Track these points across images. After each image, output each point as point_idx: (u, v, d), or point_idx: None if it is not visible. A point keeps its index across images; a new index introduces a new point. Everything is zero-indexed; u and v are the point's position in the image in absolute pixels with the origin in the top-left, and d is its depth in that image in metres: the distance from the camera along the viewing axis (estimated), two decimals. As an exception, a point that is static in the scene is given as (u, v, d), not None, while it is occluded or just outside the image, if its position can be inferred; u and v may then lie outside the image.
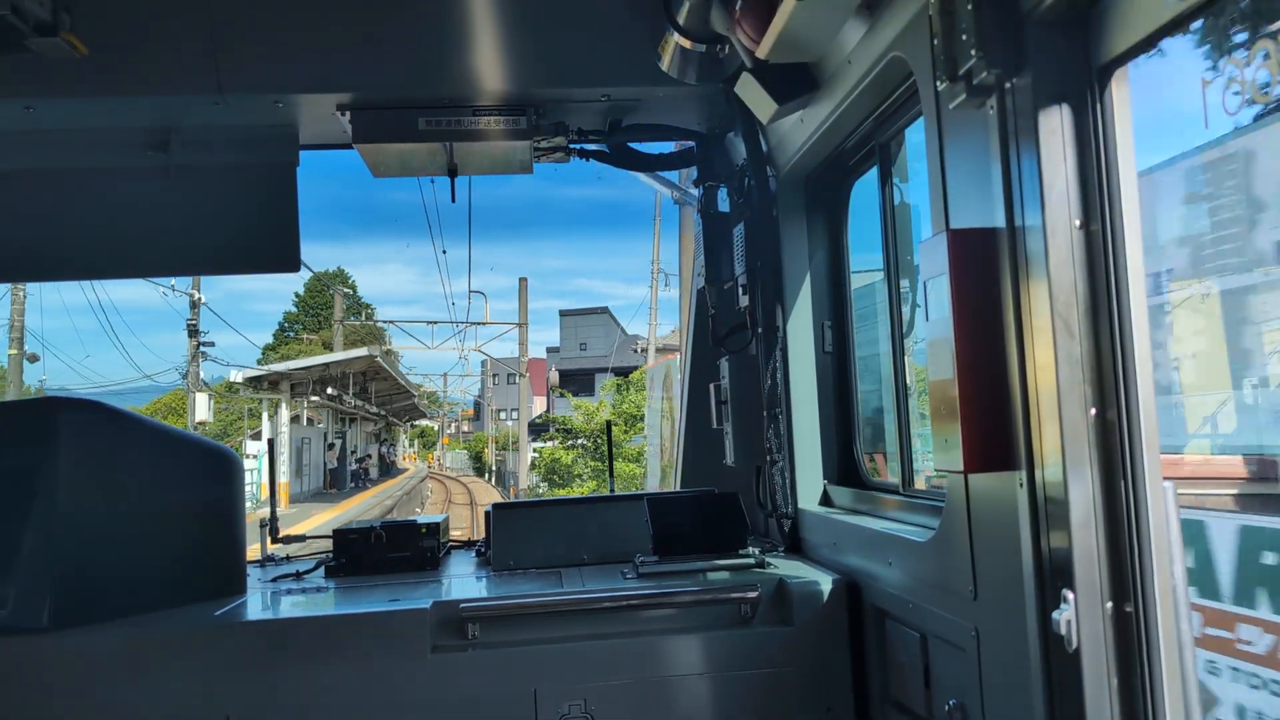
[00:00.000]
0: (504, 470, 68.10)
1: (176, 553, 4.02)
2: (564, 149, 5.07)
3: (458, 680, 3.64)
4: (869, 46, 3.33)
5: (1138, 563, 2.30)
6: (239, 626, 3.71)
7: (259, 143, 4.78)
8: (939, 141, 2.86)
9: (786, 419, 4.59)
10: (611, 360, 54.95)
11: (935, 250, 2.70)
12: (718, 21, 3.85)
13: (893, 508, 3.84)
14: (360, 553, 4.59)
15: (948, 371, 2.64)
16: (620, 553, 4.48)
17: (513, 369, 57.96)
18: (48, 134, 4.63)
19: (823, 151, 4.23)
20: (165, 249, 4.92)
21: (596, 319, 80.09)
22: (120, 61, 4.25)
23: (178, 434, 4.38)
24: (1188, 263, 4.29)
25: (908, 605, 3.35)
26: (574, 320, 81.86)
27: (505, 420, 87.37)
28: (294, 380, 38.36)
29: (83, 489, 3.78)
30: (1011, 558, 2.54)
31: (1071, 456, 2.34)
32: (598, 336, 76.82)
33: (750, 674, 3.75)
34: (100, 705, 3.51)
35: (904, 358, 3.93)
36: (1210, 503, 4.08)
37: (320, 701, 3.57)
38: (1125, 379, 2.32)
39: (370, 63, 4.39)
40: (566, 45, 4.48)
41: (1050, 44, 2.40)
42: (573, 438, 38.52)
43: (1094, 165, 2.37)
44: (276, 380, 37.46)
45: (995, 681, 2.73)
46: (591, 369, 68.24)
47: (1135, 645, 2.30)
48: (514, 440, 58.03)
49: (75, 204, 4.80)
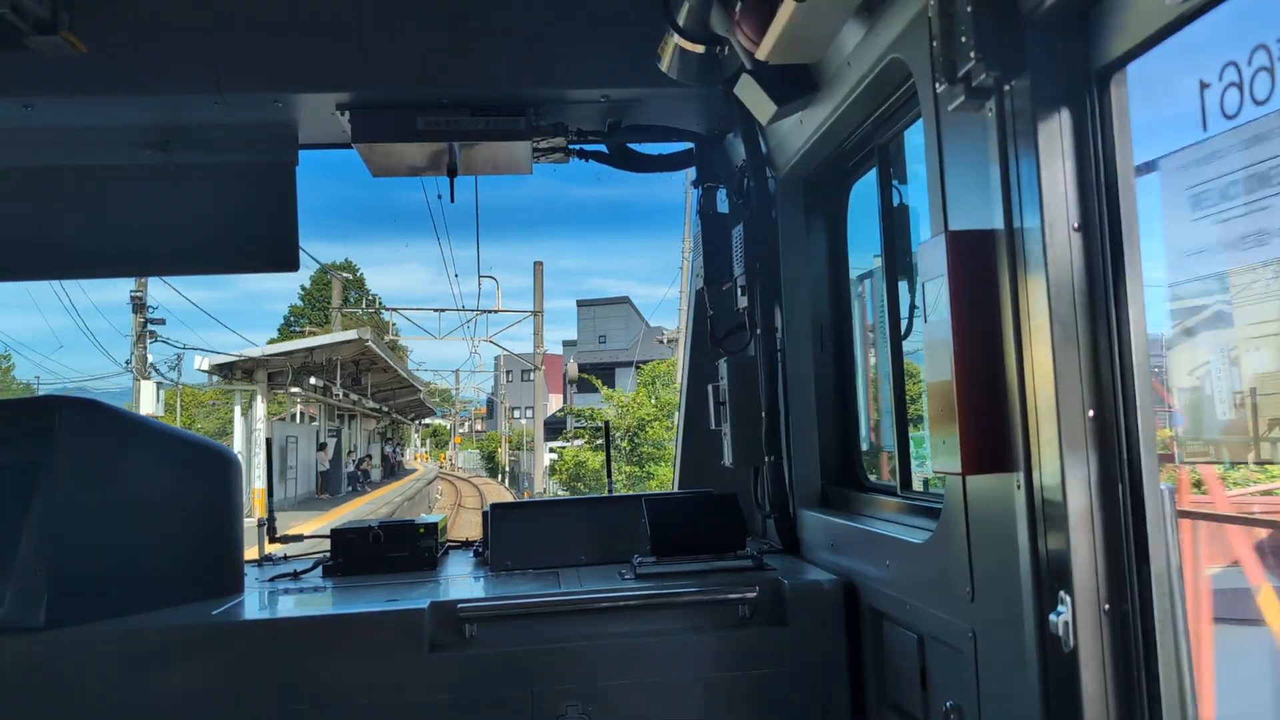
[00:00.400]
0: (518, 471, 65.59)
1: (174, 552, 4.02)
2: (563, 150, 5.07)
3: (455, 680, 3.64)
4: (868, 48, 3.34)
5: (1134, 564, 2.31)
6: (236, 626, 3.71)
7: (258, 142, 4.78)
8: (938, 143, 2.86)
9: (785, 420, 4.59)
10: (636, 353, 51.25)
11: (934, 252, 2.70)
12: (717, 23, 3.85)
13: (890, 509, 3.85)
14: (358, 552, 4.59)
15: (946, 373, 2.64)
16: (618, 553, 4.48)
17: (528, 364, 54.53)
18: (47, 132, 4.63)
19: (822, 153, 4.24)
20: (164, 248, 4.92)
21: (617, 310, 75.57)
22: (120, 60, 4.25)
23: (176, 433, 4.38)
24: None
25: (905, 606, 3.35)
26: (592, 311, 76.97)
27: (519, 418, 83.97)
28: (272, 369, 32.51)
29: (80, 487, 3.78)
30: (1009, 559, 2.54)
31: (1069, 458, 2.34)
32: (618, 329, 73.00)
33: (747, 675, 3.76)
34: (96, 704, 3.51)
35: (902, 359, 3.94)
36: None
37: (317, 701, 3.57)
38: (1123, 381, 2.33)
39: (370, 62, 4.39)
40: (566, 46, 4.48)
41: (1049, 47, 2.40)
42: (599, 435, 32.23)
43: (1092, 167, 2.38)
44: (251, 369, 31.41)
45: (992, 683, 2.74)
46: (611, 363, 63.13)
47: (1132, 647, 2.30)
48: (529, 439, 55.50)
49: (74, 202, 4.80)
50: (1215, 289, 2.28)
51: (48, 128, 4.60)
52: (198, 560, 4.09)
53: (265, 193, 4.87)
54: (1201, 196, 2.24)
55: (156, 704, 3.52)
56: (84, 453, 3.82)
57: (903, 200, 4.03)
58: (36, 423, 3.80)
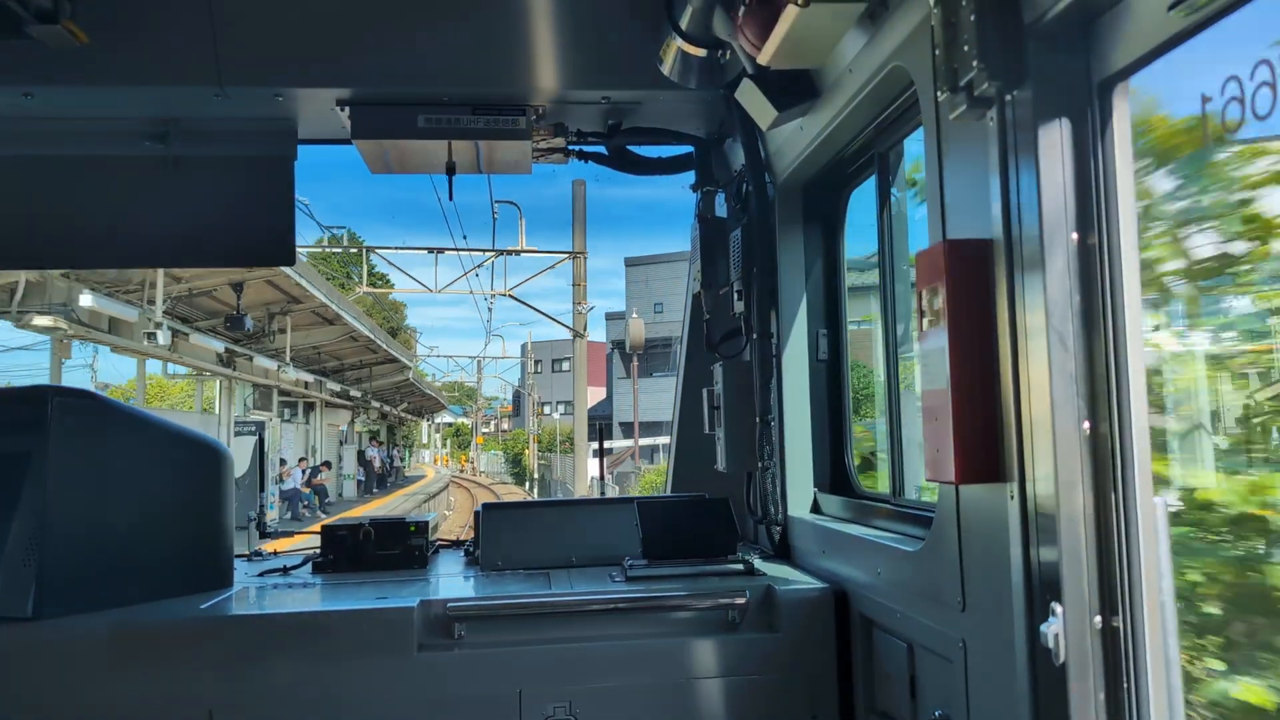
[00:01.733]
0: (549, 478, 54.89)
1: (163, 545, 4.00)
2: (563, 150, 5.07)
3: (443, 679, 3.63)
4: (870, 55, 3.34)
5: (1126, 577, 2.30)
6: (224, 620, 3.70)
7: (257, 136, 4.78)
8: (938, 152, 2.86)
9: (779, 426, 4.59)
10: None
11: (932, 260, 2.70)
12: (720, 27, 3.85)
13: (883, 517, 3.85)
14: (348, 549, 4.58)
15: (941, 381, 2.64)
16: (609, 556, 4.47)
17: (558, 354, 45.37)
18: (46, 122, 4.62)
19: (821, 159, 4.24)
20: (160, 239, 4.91)
21: (676, 270, 50.92)
22: (120, 51, 4.24)
23: (168, 426, 4.37)
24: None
25: (895, 615, 3.35)
26: (644, 272, 58.36)
27: (551, 413, 73.10)
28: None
29: (71, 478, 3.76)
30: (1000, 569, 2.54)
31: (1063, 469, 2.34)
32: (679, 293, 52.37)
33: (736, 680, 3.75)
34: (82, 695, 3.50)
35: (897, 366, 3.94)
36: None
37: (304, 697, 3.56)
38: (1119, 393, 2.33)
39: (371, 59, 4.39)
40: (568, 47, 4.48)
41: (1052, 57, 2.40)
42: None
43: (1092, 179, 2.38)
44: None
45: (981, 693, 2.73)
46: (671, 338, 45.88)
47: (1122, 660, 2.30)
48: (564, 439, 43.72)
49: (71, 192, 4.78)
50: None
51: (47, 117, 4.59)
52: (187, 553, 4.07)
53: (263, 187, 4.86)
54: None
55: (143, 696, 3.51)
56: (75, 443, 3.81)
57: (901, 208, 4.03)
58: (28, 412, 3.79)
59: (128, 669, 3.53)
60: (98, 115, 4.63)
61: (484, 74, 4.45)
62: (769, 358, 4.65)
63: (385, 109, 4.55)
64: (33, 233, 4.82)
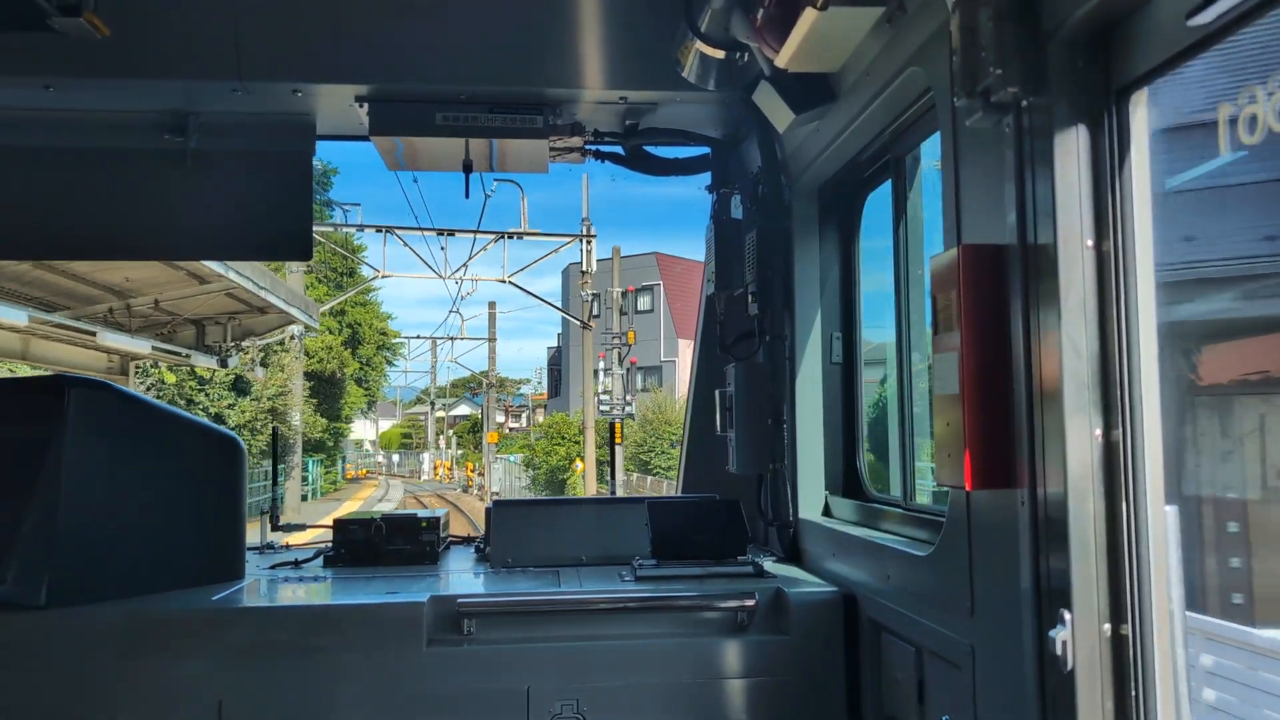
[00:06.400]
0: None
1: (177, 536, 4.03)
2: (580, 150, 5.08)
3: (451, 675, 3.64)
4: (888, 60, 3.33)
5: (1136, 585, 2.30)
6: (236, 612, 3.72)
7: (276, 131, 4.80)
8: (954, 157, 2.86)
9: (791, 428, 4.59)
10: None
11: (947, 264, 2.70)
12: (738, 29, 3.85)
13: (893, 521, 3.84)
14: (360, 544, 4.60)
15: (954, 386, 2.64)
16: (619, 555, 4.48)
17: (649, 279, 30.95)
18: (67, 114, 4.65)
19: (838, 162, 4.24)
20: (178, 233, 4.94)
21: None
22: (141, 44, 4.27)
23: (183, 418, 4.40)
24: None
25: (904, 619, 3.34)
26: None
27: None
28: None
29: (86, 468, 3.79)
30: (1010, 575, 2.53)
31: (1075, 477, 2.33)
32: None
33: (744, 682, 3.75)
34: (94, 684, 3.53)
35: (910, 370, 3.93)
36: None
37: (313, 690, 3.57)
38: (1131, 401, 2.32)
39: (390, 56, 4.41)
40: (586, 46, 4.49)
41: (1070, 64, 2.40)
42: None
43: (1109, 185, 2.37)
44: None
45: (989, 699, 2.73)
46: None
47: (1131, 668, 2.29)
48: (675, 432, 28.37)
49: (91, 185, 4.82)
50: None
51: (68, 109, 4.62)
52: (200, 545, 4.10)
53: (281, 181, 4.88)
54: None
55: (154, 686, 3.54)
56: (91, 433, 3.84)
57: (917, 212, 4.02)
58: (45, 402, 3.82)
59: (139, 659, 3.55)
60: (117, 108, 4.66)
61: (502, 72, 4.46)
62: (782, 360, 4.65)
63: (403, 105, 4.56)
64: (52, 225, 4.86)
